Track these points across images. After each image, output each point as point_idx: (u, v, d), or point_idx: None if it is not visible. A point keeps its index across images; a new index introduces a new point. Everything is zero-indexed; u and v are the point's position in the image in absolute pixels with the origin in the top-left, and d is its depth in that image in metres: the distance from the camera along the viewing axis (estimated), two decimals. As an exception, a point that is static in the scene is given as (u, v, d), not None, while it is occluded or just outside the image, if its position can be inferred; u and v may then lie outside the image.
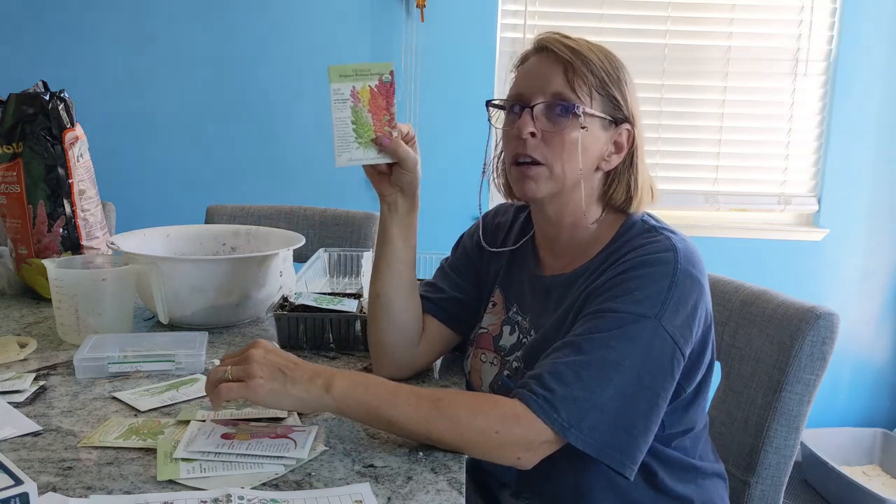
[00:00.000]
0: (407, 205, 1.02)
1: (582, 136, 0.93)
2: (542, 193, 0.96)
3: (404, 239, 1.03)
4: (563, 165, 0.94)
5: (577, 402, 0.82)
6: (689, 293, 0.87)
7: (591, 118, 0.94)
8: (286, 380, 0.82)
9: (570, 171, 0.94)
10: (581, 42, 0.95)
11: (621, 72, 0.96)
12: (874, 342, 2.76)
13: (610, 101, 0.95)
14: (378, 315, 1.05)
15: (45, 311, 1.36)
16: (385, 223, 1.03)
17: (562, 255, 1.02)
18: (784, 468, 1.05)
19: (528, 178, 0.96)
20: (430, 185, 2.63)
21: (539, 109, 0.94)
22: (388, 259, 1.03)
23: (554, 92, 0.93)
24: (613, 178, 0.98)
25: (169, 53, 2.54)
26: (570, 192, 0.97)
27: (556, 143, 0.94)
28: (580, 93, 0.93)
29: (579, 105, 0.92)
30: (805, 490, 2.56)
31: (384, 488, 0.75)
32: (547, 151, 0.94)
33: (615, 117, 0.96)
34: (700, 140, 2.65)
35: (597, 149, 0.96)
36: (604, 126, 0.95)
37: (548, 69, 0.95)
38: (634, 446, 0.84)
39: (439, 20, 2.51)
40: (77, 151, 1.44)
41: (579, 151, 0.93)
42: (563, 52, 0.93)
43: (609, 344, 0.84)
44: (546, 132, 0.94)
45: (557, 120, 0.93)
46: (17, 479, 0.63)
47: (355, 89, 0.95)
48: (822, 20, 2.57)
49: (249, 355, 0.83)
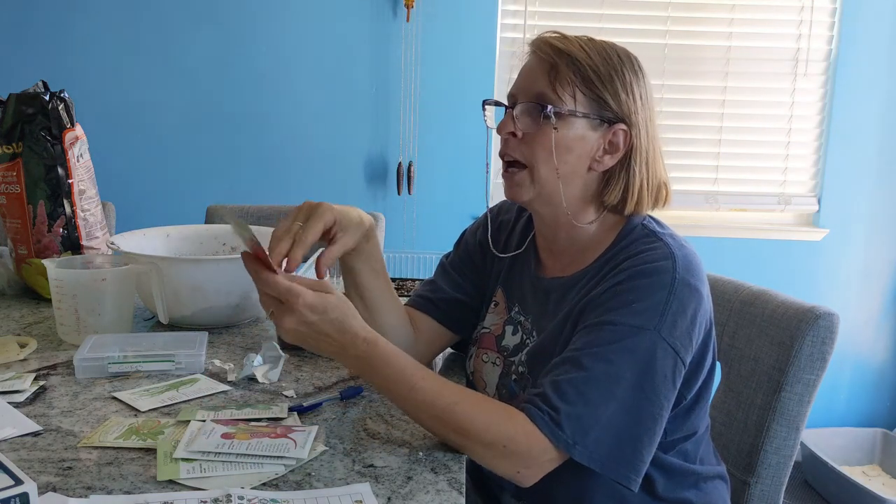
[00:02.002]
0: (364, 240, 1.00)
1: (557, 136, 0.93)
2: (526, 197, 0.97)
3: (370, 267, 1.03)
4: (541, 166, 0.95)
5: (581, 419, 0.82)
6: (687, 303, 0.87)
7: (570, 118, 0.93)
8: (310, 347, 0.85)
9: (547, 171, 0.95)
10: (575, 41, 0.95)
11: (618, 71, 0.94)
12: (874, 342, 2.76)
13: (597, 101, 0.94)
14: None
15: (45, 311, 1.36)
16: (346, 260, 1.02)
17: (561, 257, 1.02)
18: (784, 468, 1.05)
19: (513, 184, 0.97)
20: (429, 184, 2.64)
21: (518, 110, 0.95)
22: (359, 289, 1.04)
23: (535, 92, 0.94)
24: (609, 179, 0.97)
25: (169, 54, 2.54)
26: (556, 193, 0.96)
27: (533, 144, 0.94)
28: (561, 93, 0.93)
29: (551, 106, 0.92)
30: (805, 490, 2.56)
31: (384, 488, 0.75)
32: (526, 151, 0.95)
33: (604, 117, 0.94)
34: (700, 140, 2.65)
35: (583, 149, 0.94)
36: (592, 126, 0.94)
37: (533, 70, 0.96)
38: (638, 458, 0.84)
39: (439, 20, 2.51)
40: (77, 151, 1.44)
41: (553, 153, 0.93)
42: (546, 52, 0.94)
43: (609, 358, 0.84)
44: (525, 132, 0.95)
45: (534, 119, 0.94)
46: (17, 479, 0.63)
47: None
48: (822, 20, 2.57)
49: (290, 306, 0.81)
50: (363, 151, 2.59)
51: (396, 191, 2.59)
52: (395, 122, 2.57)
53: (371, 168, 2.61)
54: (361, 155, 2.59)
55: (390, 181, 2.60)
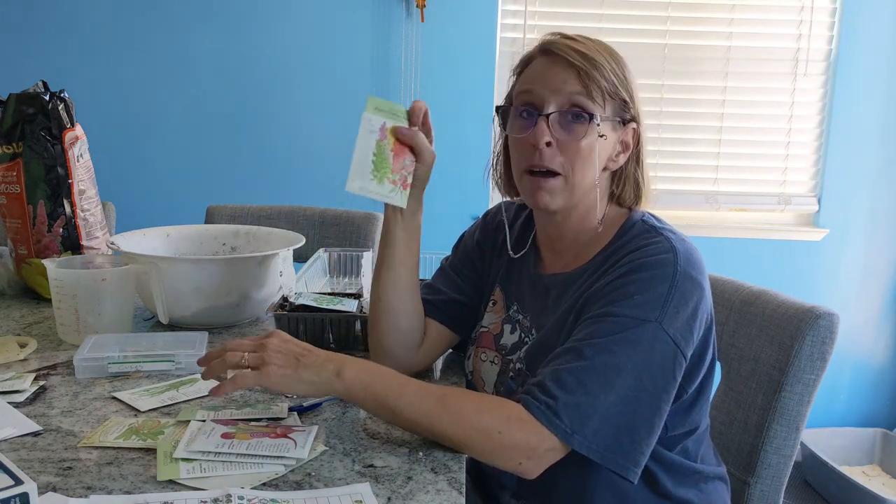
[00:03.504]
0: (413, 205, 1.01)
1: (599, 144, 0.93)
2: (557, 205, 0.95)
3: (407, 242, 1.03)
4: (579, 174, 0.93)
5: (580, 408, 0.82)
6: (689, 295, 0.87)
7: (605, 125, 0.93)
8: (299, 365, 0.84)
9: (586, 178, 0.94)
10: (588, 44, 0.94)
11: (627, 71, 0.96)
12: (874, 342, 2.76)
13: (620, 104, 0.94)
14: (379, 318, 1.05)
15: (45, 311, 1.36)
16: (389, 225, 1.03)
17: (563, 254, 1.02)
18: (784, 468, 1.05)
19: (543, 190, 0.95)
20: (429, 185, 2.63)
21: (555, 118, 0.92)
22: (391, 262, 1.03)
23: (570, 99, 0.92)
24: (621, 177, 0.98)
25: (169, 53, 2.54)
26: (583, 198, 0.97)
27: (572, 152, 0.92)
28: (597, 99, 0.92)
29: (591, 114, 0.91)
30: (805, 490, 2.56)
31: (384, 488, 0.75)
32: (564, 160, 0.93)
33: (624, 118, 0.96)
34: (700, 140, 2.65)
35: (608, 151, 0.96)
36: (614, 128, 0.95)
37: (559, 75, 0.92)
38: (637, 450, 0.84)
39: (439, 20, 2.51)
40: (77, 151, 1.44)
41: (595, 159, 0.93)
42: (574, 57, 0.91)
43: (610, 349, 0.84)
44: (562, 141, 0.92)
45: (573, 128, 0.92)
46: (17, 479, 0.63)
47: (385, 125, 0.95)
48: (822, 20, 2.57)
49: (265, 343, 0.85)
50: (363, 151, 2.59)
51: (396, 191, 2.59)
52: (395, 122, 2.57)
53: (371, 168, 2.60)
54: (361, 155, 2.59)
55: (390, 181, 2.60)
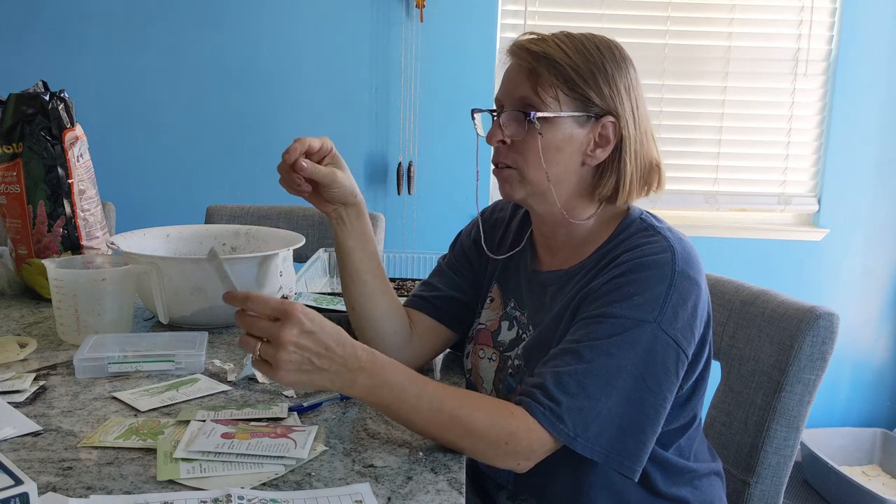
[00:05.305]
0: (353, 212, 1.03)
1: (543, 141, 0.94)
2: (519, 195, 0.99)
3: (362, 247, 1.04)
4: (531, 170, 0.96)
5: (583, 412, 0.82)
6: (687, 295, 0.87)
7: (556, 120, 0.93)
8: (313, 369, 0.79)
9: (539, 173, 0.96)
10: (552, 41, 0.94)
11: (598, 65, 0.94)
12: (874, 342, 2.76)
13: (581, 99, 0.94)
14: (359, 326, 1.06)
15: (45, 311, 1.36)
16: (339, 238, 1.03)
17: (558, 252, 1.03)
18: (784, 468, 1.05)
19: (503, 181, 0.99)
20: (430, 184, 2.64)
21: (504, 117, 0.96)
22: (352, 273, 1.04)
23: (519, 99, 0.95)
24: (602, 172, 0.98)
25: (169, 53, 2.54)
26: (549, 193, 0.97)
27: (522, 150, 0.96)
28: (544, 96, 0.93)
29: (535, 111, 0.93)
30: (805, 490, 2.56)
31: (384, 488, 0.75)
32: (517, 157, 0.96)
33: (590, 113, 0.94)
34: (700, 140, 2.65)
35: (573, 147, 0.95)
36: (579, 123, 0.94)
37: (513, 77, 0.97)
38: (642, 449, 0.85)
39: (439, 20, 2.51)
40: (77, 151, 1.44)
41: (541, 157, 0.94)
42: (523, 58, 0.95)
43: (610, 351, 0.84)
44: (513, 139, 0.96)
45: (517, 126, 0.95)
46: (17, 479, 0.63)
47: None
48: (822, 20, 2.57)
49: (281, 337, 0.77)
50: (363, 151, 2.59)
51: (396, 191, 2.59)
52: (395, 122, 2.57)
53: (371, 168, 2.61)
54: (361, 155, 2.59)
55: (390, 181, 2.60)
